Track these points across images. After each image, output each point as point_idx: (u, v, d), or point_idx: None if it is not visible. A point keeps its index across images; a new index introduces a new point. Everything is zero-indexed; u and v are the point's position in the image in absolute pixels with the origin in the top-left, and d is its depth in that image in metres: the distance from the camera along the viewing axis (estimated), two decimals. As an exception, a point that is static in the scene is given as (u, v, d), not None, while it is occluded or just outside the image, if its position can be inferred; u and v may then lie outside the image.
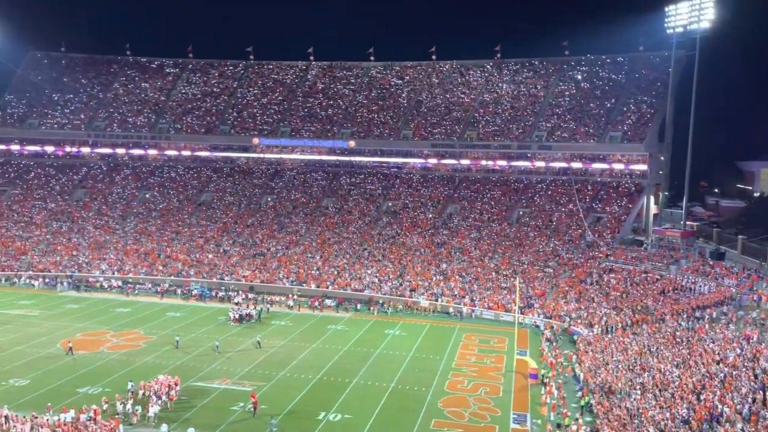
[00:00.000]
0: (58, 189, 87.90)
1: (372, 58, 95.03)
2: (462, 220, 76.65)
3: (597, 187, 76.99)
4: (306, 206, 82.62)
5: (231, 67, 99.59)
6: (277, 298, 63.91)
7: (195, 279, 69.04)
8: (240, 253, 74.13)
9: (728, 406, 30.02)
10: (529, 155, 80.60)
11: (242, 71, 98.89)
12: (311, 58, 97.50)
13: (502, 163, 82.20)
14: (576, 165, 78.59)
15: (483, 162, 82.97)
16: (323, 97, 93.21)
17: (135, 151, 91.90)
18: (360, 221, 78.81)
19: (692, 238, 67.89)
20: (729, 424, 28.58)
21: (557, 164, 79.56)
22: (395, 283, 66.28)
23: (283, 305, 62.48)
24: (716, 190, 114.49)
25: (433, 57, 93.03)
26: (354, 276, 68.36)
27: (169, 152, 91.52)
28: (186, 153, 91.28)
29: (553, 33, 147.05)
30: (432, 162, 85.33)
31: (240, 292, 65.17)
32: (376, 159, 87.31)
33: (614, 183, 76.77)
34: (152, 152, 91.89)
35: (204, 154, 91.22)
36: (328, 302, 62.76)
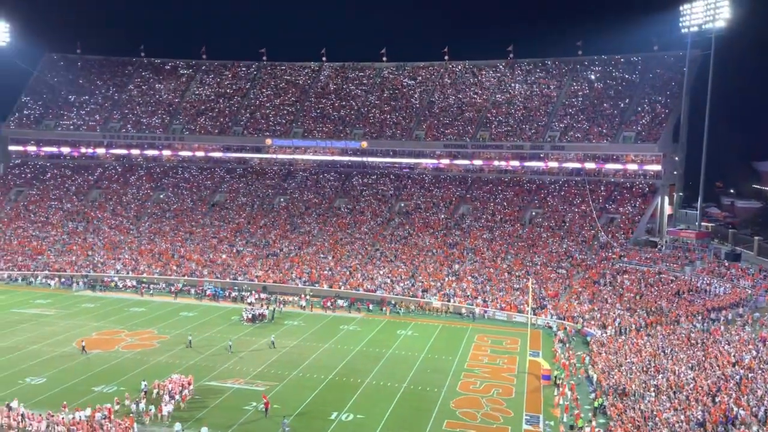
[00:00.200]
0: (74, 189, 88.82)
1: (384, 59, 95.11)
2: (474, 221, 76.50)
3: (610, 188, 76.53)
4: (318, 207, 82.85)
5: (244, 68, 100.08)
6: (290, 298, 64.16)
7: (208, 279, 69.48)
8: (253, 254, 74.50)
9: (744, 409, 29.76)
10: (542, 155, 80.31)
11: (255, 72, 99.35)
12: (324, 59, 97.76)
13: (515, 164, 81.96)
14: (589, 165, 78.19)
15: (495, 162, 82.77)
16: (336, 98, 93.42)
17: (149, 152, 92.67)
18: (372, 222, 78.90)
19: (707, 239, 67.23)
20: (744, 427, 28.33)
21: (570, 165, 79.20)
22: (407, 284, 66.29)
23: (296, 305, 62.70)
24: (732, 191, 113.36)
25: (446, 57, 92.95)
26: (366, 276, 68.44)
27: (183, 153, 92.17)
28: (199, 154, 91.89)
29: (567, 33, 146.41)
30: (444, 162, 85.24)
31: (253, 292, 65.51)
32: (389, 159, 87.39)
33: (628, 183, 76.27)
34: (166, 153, 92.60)
35: (217, 155, 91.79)
36: (341, 302, 62.91)
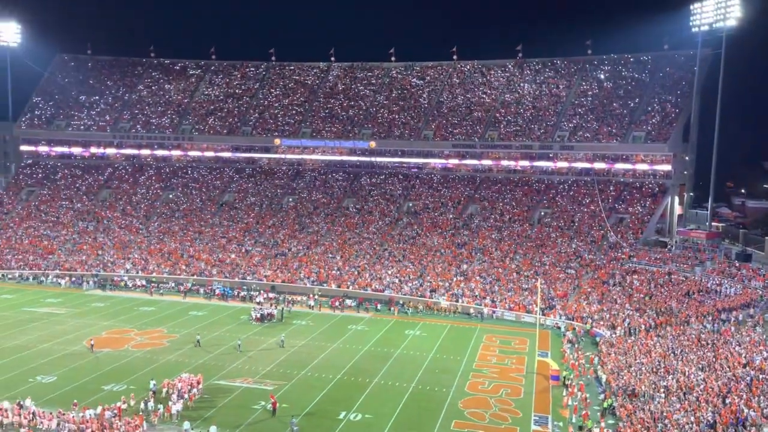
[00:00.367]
0: (84, 189, 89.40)
1: (393, 59, 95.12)
2: (483, 221, 76.35)
3: (620, 188, 76.17)
4: (327, 207, 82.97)
5: (253, 69, 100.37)
6: (299, 298, 64.29)
7: (217, 278, 69.75)
8: (262, 253, 74.72)
9: (754, 410, 29.54)
10: (551, 155, 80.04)
11: (264, 72, 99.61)
12: (332, 59, 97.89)
13: (524, 164, 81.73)
14: (599, 165, 77.83)
15: (504, 162, 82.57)
16: (344, 98, 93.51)
17: (159, 152, 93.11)
18: (380, 222, 78.92)
19: (718, 240, 66.79)
20: (755, 429, 28.13)
21: (579, 164, 78.87)
22: (416, 284, 66.27)
23: (304, 305, 62.82)
24: (742, 191, 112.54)
25: (454, 57, 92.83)
26: (374, 276, 68.48)
27: (192, 153, 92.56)
28: (209, 154, 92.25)
29: (576, 32, 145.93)
30: (453, 162, 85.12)
31: (261, 292, 65.71)
32: (397, 159, 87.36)
33: (637, 183, 75.88)
34: (175, 153, 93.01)
35: (226, 155, 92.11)
36: (349, 302, 62.99)
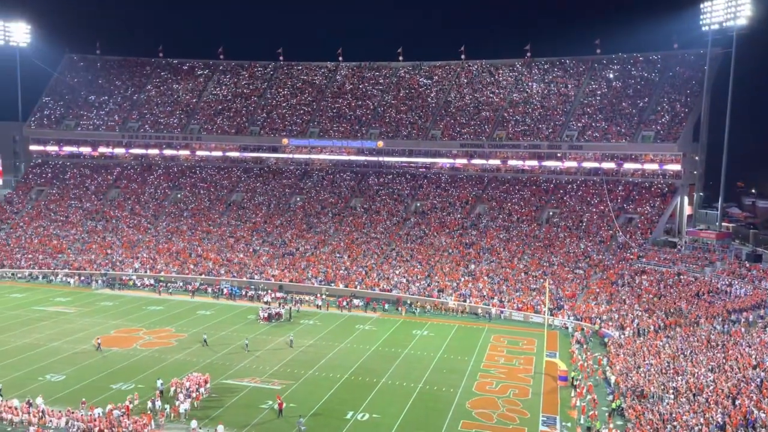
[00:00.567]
0: (93, 189, 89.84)
1: (401, 58, 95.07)
2: (491, 221, 76.14)
3: (629, 188, 75.75)
4: (334, 206, 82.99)
5: (261, 69, 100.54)
6: (306, 298, 64.33)
7: (225, 278, 69.91)
8: (269, 253, 74.83)
9: (764, 412, 29.28)
10: (560, 155, 79.73)
11: (272, 72, 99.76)
12: (340, 59, 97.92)
13: (532, 163, 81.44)
14: (607, 165, 77.45)
15: (512, 162, 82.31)
16: (352, 98, 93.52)
17: (167, 152, 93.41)
18: (388, 221, 78.86)
19: (728, 240, 66.30)
20: (765, 430, 27.89)
21: (588, 164, 78.49)
22: (423, 284, 66.17)
23: (312, 304, 62.86)
24: (753, 191, 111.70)
25: (462, 56, 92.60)
26: (382, 276, 68.44)
27: (200, 153, 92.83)
28: (216, 153, 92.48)
29: (585, 31, 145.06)
30: (461, 162, 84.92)
31: (269, 291, 65.80)
32: (405, 159, 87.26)
33: (646, 183, 75.44)
34: (184, 153, 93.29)
35: (234, 155, 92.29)
36: (356, 302, 62.97)
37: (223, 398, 37.78)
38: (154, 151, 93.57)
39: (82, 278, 70.65)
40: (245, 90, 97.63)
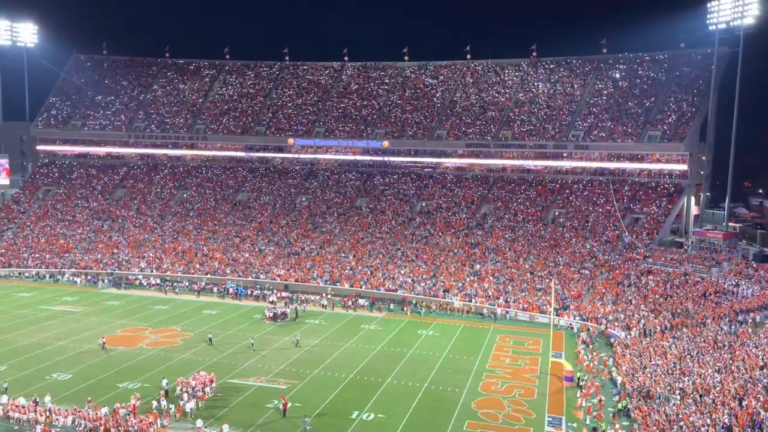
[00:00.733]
0: (100, 188, 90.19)
1: (406, 58, 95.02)
2: (496, 221, 76.03)
3: (635, 188, 75.50)
4: (340, 206, 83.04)
5: (266, 69, 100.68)
6: (312, 297, 64.39)
7: (231, 277, 70.06)
8: (275, 252, 74.95)
9: (772, 414, 29.14)
10: (566, 155, 79.56)
11: (277, 72, 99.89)
12: (346, 59, 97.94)
13: (538, 163, 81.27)
14: (613, 165, 77.22)
15: (518, 162, 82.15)
16: (357, 98, 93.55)
17: (173, 152, 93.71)
18: (393, 221, 78.86)
19: (735, 240, 66.03)
20: (773, 432, 27.75)
21: (594, 164, 78.29)
22: (428, 284, 66.13)
23: (317, 304, 62.91)
24: (760, 191, 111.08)
25: (468, 56, 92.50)
26: (387, 276, 68.44)
27: (206, 152, 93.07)
28: (222, 153, 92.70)
29: (591, 31, 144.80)
30: (466, 162, 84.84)
31: (275, 291, 65.91)
32: (410, 159, 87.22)
33: (653, 183, 75.18)
34: (190, 152, 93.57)
35: (240, 155, 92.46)
36: (362, 302, 62.97)
37: (229, 397, 37.87)
38: (161, 151, 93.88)
39: (89, 277, 70.94)
40: (251, 90, 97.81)
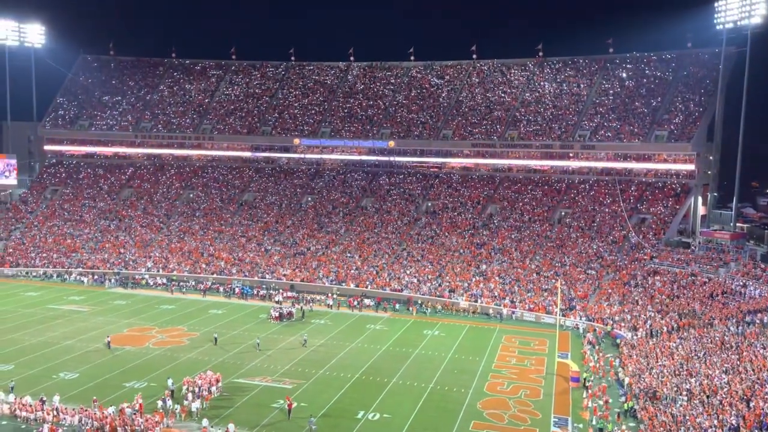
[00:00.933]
0: (107, 188, 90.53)
1: (412, 58, 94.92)
2: (502, 221, 75.89)
3: (642, 188, 75.22)
4: (346, 206, 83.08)
5: (272, 69, 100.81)
6: (317, 297, 64.45)
7: (237, 277, 70.20)
8: (281, 252, 75.06)
9: (780, 415, 28.99)
10: (572, 155, 79.32)
11: (283, 72, 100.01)
12: (351, 59, 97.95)
13: (544, 163, 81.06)
14: (620, 165, 76.94)
15: (524, 162, 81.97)
16: (363, 98, 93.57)
17: (179, 152, 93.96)
18: (399, 221, 78.83)
19: (742, 240, 65.67)
20: (781, 434, 27.60)
21: (600, 164, 78.04)
22: (434, 284, 66.08)
23: (323, 304, 62.96)
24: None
25: (474, 56, 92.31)
26: (393, 276, 68.42)
27: (212, 152, 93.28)
28: (228, 153, 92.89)
29: (597, 31, 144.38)
30: (472, 162, 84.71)
31: (281, 291, 66.01)
32: (416, 159, 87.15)
33: (660, 183, 74.88)
34: (196, 152, 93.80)
35: (246, 155, 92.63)
36: (367, 302, 63.00)
37: (234, 397, 37.93)
38: (167, 151, 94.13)
39: (96, 277, 71.24)
40: (257, 90, 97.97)
